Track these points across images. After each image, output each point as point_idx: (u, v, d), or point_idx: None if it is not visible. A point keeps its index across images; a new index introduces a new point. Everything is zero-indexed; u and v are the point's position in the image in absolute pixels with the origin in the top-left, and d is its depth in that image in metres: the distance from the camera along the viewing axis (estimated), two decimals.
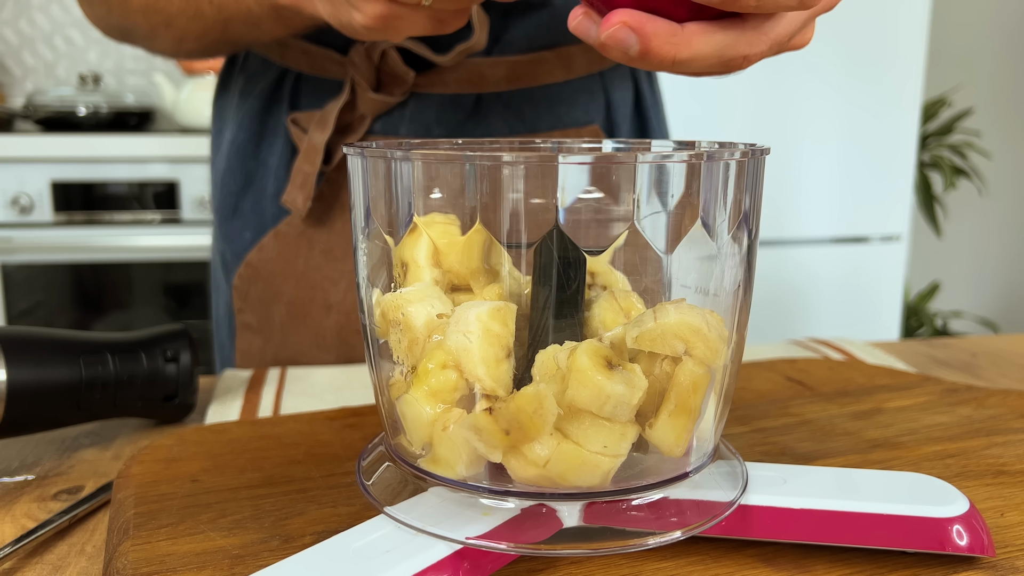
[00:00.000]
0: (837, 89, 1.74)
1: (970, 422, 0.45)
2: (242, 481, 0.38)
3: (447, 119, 0.64)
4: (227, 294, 0.71)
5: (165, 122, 2.06)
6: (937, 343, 0.70)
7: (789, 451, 0.42)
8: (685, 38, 0.35)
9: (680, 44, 0.35)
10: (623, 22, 0.34)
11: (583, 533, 0.30)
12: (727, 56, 0.36)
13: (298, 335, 0.67)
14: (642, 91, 0.71)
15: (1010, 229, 2.65)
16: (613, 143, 0.41)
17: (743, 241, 0.32)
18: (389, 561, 0.28)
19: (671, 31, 0.34)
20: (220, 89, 0.72)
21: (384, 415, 0.34)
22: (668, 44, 0.34)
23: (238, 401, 0.53)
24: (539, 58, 0.64)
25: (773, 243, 1.78)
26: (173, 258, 1.76)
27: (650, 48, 0.34)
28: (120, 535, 0.34)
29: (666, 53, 0.34)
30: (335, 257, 0.66)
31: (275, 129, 0.66)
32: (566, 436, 0.29)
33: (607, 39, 0.34)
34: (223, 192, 0.69)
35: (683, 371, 0.30)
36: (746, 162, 0.31)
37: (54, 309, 1.78)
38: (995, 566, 0.31)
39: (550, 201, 0.28)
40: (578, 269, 0.30)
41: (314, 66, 0.64)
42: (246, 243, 0.68)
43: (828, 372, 0.55)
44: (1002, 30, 2.52)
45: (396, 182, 0.31)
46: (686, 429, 0.31)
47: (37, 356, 0.44)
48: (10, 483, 0.43)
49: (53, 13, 2.14)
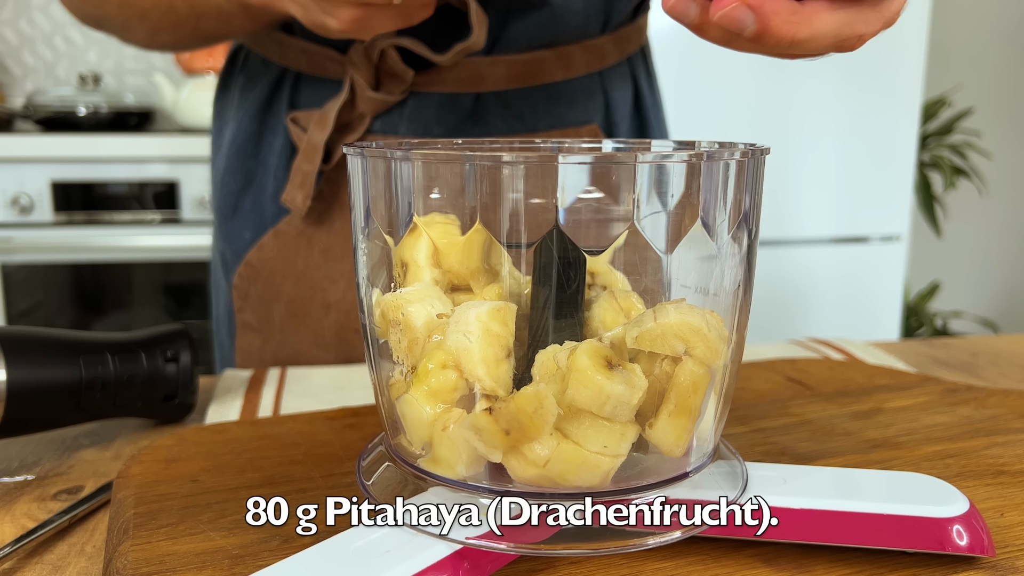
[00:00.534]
0: (837, 89, 1.74)
1: (970, 422, 0.45)
2: (242, 481, 0.38)
3: (446, 118, 0.64)
4: (227, 293, 0.71)
5: (165, 122, 2.06)
6: (937, 343, 0.70)
7: (789, 451, 0.42)
8: (806, 16, 0.33)
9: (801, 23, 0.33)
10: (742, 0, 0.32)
11: (583, 533, 0.30)
12: (844, 35, 0.35)
13: (297, 334, 0.67)
14: (641, 91, 0.72)
15: (1010, 229, 2.65)
16: (613, 143, 0.41)
17: (743, 241, 0.32)
18: (389, 561, 0.28)
19: (791, 9, 0.33)
20: (220, 89, 0.72)
21: (384, 415, 0.34)
22: (788, 23, 0.33)
23: (238, 401, 0.53)
24: (538, 57, 0.64)
25: (773, 243, 1.78)
26: (173, 258, 1.76)
27: (769, 27, 0.33)
28: (120, 535, 0.34)
29: (786, 32, 0.33)
30: (334, 256, 0.66)
31: (275, 128, 0.66)
32: (566, 436, 0.29)
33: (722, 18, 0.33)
34: (223, 191, 0.69)
35: (683, 371, 0.30)
36: (746, 162, 0.31)
37: (54, 309, 1.78)
38: (995, 566, 0.31)
39: (550, 201, 0.28)
40: (578, 269, 0.30)
41: (314, 65, 0.64)
42: (246, 242, 0.68)
43: (828, 372, 0.55)
44: (1002, 30, 2.52)
45: (396, 182, 0.31)
46: (686, 429, 0.31)
47: (37, 356, 0.44)
48: (10, 483, 0.43)
49: (53, 13, 2.14)
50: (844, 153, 1.77)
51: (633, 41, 0.70)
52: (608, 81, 0.68)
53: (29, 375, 0.43)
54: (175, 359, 0.49)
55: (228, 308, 0.71)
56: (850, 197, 1.80)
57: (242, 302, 0.69)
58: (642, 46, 0.72)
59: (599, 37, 0.66)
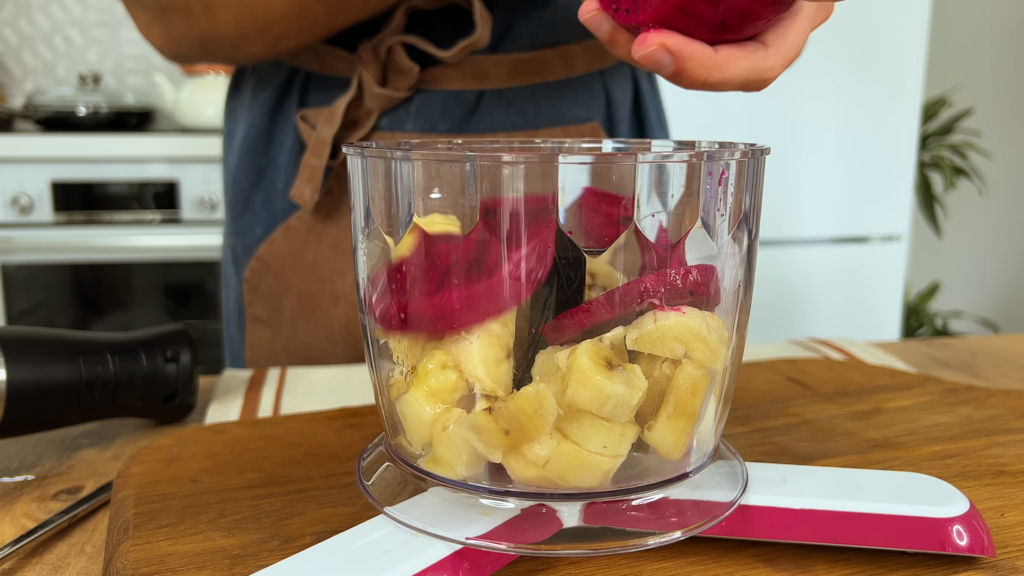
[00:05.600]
0: (837, 89, 1.74)
1: (970, 422, 0.45)
2: (242, 481, 0.38)
3: (451, 115, 0.65)
4: (237, 288, 0.72)
5: (165, 122, 2.06)
6: (937, 343, 0.70)
7: (789, 451, 0.42)
8: (718, 64, 0.37)
9: (712, 69, 0.37)
10: (662, 44, 0.35)
11: (583, 533, 0.30)
12: (751, 79, 0.38)
13: (307, 327, 0.69)
14: (641, 89, 0.73)
15: (1010, 229, 2.65)
16: (613, 143, 0.41)
17: (743, 241, 0.32)
18: (389, 561, 0.28)
19: (706, 56, 0.36)
20: (232, 90, 0.74)
21: (384, 415, 0.34)
22: (702, 68, 0.36)
23: (238, 401, 0.53)
24: (541, 56, 0.65)
25: (773, 243, 1.78)
26: (173, 258, 1.76)
27: (684, 70, 0.36)
28: (120, 535, 0.34)
29: (698, 76, 0.37)
30: (343, 250, 0.67)
31: (285, 127, 0.68)
32: (566, 436, 0.29)
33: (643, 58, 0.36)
34: (235, 188, 0.71)
35: (682, 374, 0.30)
36: (746, 162, 0.31)
37: (54, 309, 1.78)
38: (995, 566, 0.31)
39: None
40: (578, 269, 0.30)
41: (323, 64, 0.66)
42: (257, 237, 0.69)
43: (828, 372, 0.55)
44: (1002, 30, 2.52)
45: (396, 182, 0.31)
46: (685, 432, 0.31)
47: (37, 356, 0.44)
48: (10, 483, 0.43)
49: (53, 13, 2.14)
50: (844, 153, 1.77)
51: None
52: (609, 79, 0.69)
53: (29, 375, 0.43)
54: (175, 359, 0.49)
55: (238, 303, 0.72)
56: (850, 197, 1.80)
57: (253, 296, 0.70)
58: None
59: None
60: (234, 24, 0.57)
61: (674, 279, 0.30)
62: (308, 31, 0.59)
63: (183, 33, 0.59)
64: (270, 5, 0.56)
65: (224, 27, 0.58)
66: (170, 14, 0.58)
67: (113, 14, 2.16)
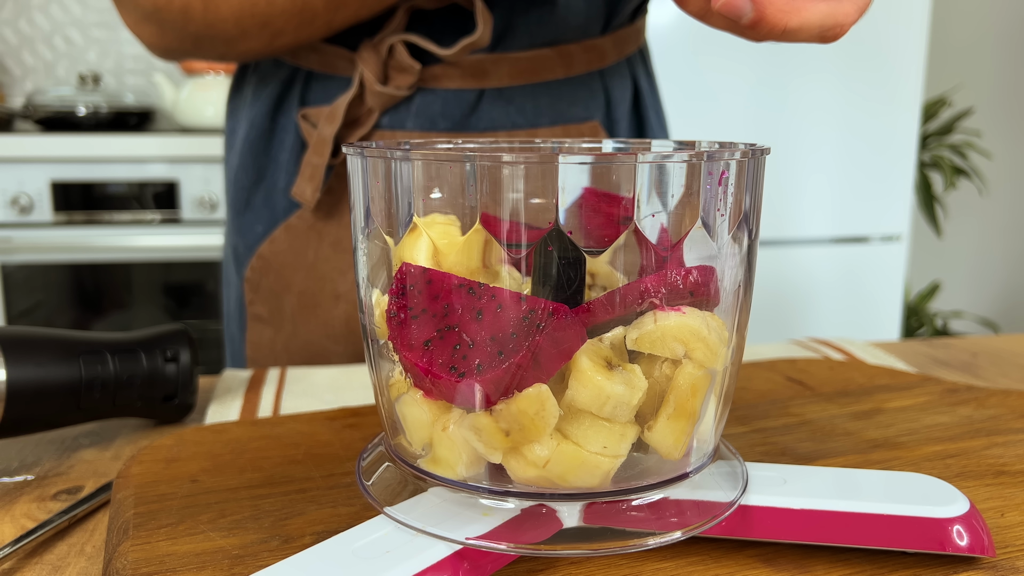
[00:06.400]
0: (837, 89, 1.74)
1: (970, 422, 0.45)
2: (242, 481, 0.38)
3: (451, 113, 0.65)
4: (238, 287, 0.72)
5: (165, 122, 2.06)
6: (937, 343, 0.70)
7: (789, 451, 0.42)
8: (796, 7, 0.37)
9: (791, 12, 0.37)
10: None
11: (583, 533, 0.30)
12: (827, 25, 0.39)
13: (308, 325, 0.69)
14: (641, 89, 0.73)
15: (1010, 229, 2.65)
16: (613, 143, 0.41)
17: (743, 241, 0.32)
18: (389, 561, 0.28)
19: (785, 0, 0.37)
20: (234, 90, 0.74)
21: (384, 415, 0.34)
22: (781, 12, 0.37)
23: (238, 401, 0.53)
24: (540, 55, 0.65)
25: (773, 243, 1.78)
26: (173, 258, 1.76)
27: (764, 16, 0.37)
28: (120, 535, 0.34)
29: (779, 20, 0.37)
30: (344, 249, 0.68)
31: (286, 126, 0.68)
32: (566, 437, 0.29)
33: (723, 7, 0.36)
34: (236, 187, 0.71)
35: (682, 374, 0.30)
36: (746, 162, 0.31)
37: (54, 309, 1.78)
38: (995, 566, 0.31)
39: (550, 201, 0.28)
40: (578, 269, 0.30)
41: (324, 64, 0.66)
42: (258, 236, 0.70)
43: (828, 372, 0.55)
44: (1002, 30, 2.52)
45: (396, 182, 0.31)
46: (684, 432, 0.31)
47: (37, 356, 0.44)
48: (10, 483, 0.43)
49: (53, 13, 2.14)
50: (844, 153, 1.77)
51: (632, 42, 0.71)
52: (609, 79, 0.70)
53: (29, 375, 0.43)
54: (175, 359, 0.49)
55: (239, 302, 0.73)
56: (850, 197, 1.80)
57: (253, 294, 0.71)
58: (640, 47, 0.74)
59: (600, 37, 0.67)
60: (234, 20, 0.57)
61: (674, 279, 0.30)
62: (307, 27, 0.59)
63: (178, 30, 0.59)
64: (272, 0, 0.56)
65: (223, 23, 0.58)
66: (165, 12, 0.58)
67: (113, 14, 2.16)
